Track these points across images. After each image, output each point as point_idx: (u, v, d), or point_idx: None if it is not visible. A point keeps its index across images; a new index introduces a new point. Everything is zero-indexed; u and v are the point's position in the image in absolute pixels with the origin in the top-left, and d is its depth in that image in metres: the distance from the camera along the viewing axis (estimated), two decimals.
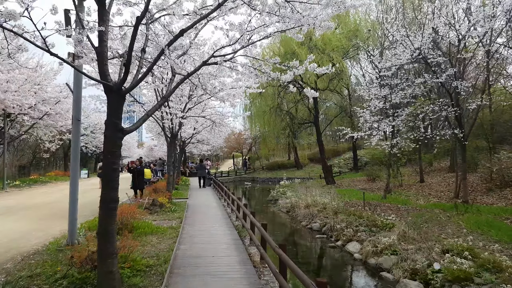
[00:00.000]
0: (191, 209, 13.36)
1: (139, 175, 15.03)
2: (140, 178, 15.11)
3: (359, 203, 15.90)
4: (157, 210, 12.03)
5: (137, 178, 15.04)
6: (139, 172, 15.10)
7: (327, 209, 14.07)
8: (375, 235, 10.26)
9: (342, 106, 28.45)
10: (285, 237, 12.89)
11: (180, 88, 14.54)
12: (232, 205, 13.05)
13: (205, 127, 19.34)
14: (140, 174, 15.11)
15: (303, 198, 17.48)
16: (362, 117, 16.50)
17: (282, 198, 20.56)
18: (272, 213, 17.69)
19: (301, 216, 14.93)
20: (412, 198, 17.15)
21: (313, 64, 6.45)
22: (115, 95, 4.96)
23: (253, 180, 42.92)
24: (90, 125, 40.41)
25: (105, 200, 4.96)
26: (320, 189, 22.44)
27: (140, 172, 15.15)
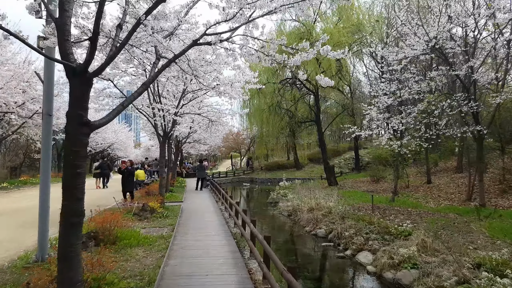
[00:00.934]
0: (185, 214, 12.27)
1: (128, 177, 13.97)
2: (130, 180, 14.05)
3: (366, 207, 14.85)
4: (147, 216, 10.94)
5: (126, 180, 13.98)
6: (129, 174, 14.03)
7: (333, 214, 13.02)
8: (389, 244, 9.20)
9: (345, 104, 27.36)
10: (288, 245, 11.83)
11: (173, 84, 13.46)
12: (230, 210, 11.98)
13: (201, 126, 18.26)
14: (130, 176, 14.05)
15: (306, 201, 16.41)
16: (368, 114, 15.44)
17: (282, 200, 19.49)
18: (273, 217, 16.61)
19: (304, 220, 13.86)
20: (421, 201, 16.12)
21: (327, 47, 5.39)
22: (78, 80, 3.88)
23: (252, 181, 41.85)
24: None
25: (65, 213, 3.89)
26: (322, 190, 21.37)
27: (130, 173, 14.08)
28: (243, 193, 31.10)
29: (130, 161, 14.88)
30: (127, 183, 13.87)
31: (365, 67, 29.39)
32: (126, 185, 13.91)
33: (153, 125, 12.17)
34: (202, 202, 15.89)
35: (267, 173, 44.33)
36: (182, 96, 12.10)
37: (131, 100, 4.89)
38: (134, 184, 14.47)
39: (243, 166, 55.19)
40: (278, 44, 5.22)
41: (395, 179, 16.34)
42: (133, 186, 14.33)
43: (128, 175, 13.85)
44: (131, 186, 14.14)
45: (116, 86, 11.22)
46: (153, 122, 11.85)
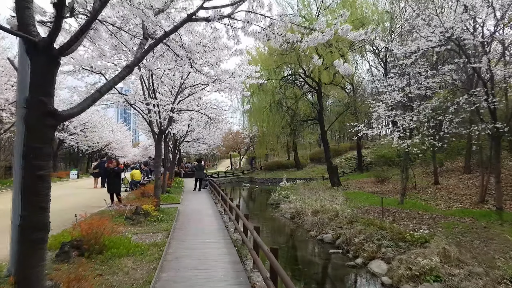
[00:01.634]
0: (182, 217, 11.45)
1: (115, 178, 13.21)
2: (116, 182, 13.29)
3: (374, 209, 14.05)
4: (140, 220, 10.11)
5: (112, 181, 13.22)
6: (115, 174, 13.26)
7: (340, 217, 12.20)
8: (405, 253, 8.40)
9: (349, 102, 26.53)
10: (292, 251, 11.01)
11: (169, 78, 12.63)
12: (230, 213, 11.17)
13: (200, 124, 17.43)
14: (116, 177, 13.29)
15: (310, 203, 15.60)
16: (376, 112, 14.62)
17: (284, 202, 18.66)
18: (274, 220, 15.79)
19: (308, 224, 13.04)
20: (431, 203, 15.32)
21: (346, 26, 4.59)
22: (41, 57, 3.05)
23: (251, 181, 41.01)
24: (80, 123, 38.28)
25: (25, 227, 3.05)
26: (326, 192, 20.55)
27: (117, 174, 13.32)
28: (243, 194, 30.30)
29: (116, 161, 14.12)
30: (113, 184, 13.11)
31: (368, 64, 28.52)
32: (112, 186, 13.15)
33: (148, 122, 11.34)
34: (200, 204, 15.07)
35: (267, 173, 43.52)
36: (179, 91, 11.27)
37: (110, 86, 4.06)
38: (120, 186, 13.68)
39: (243, 165, 54.40)
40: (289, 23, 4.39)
41: (404, 180, 15.52)
42: (119, 188, 13.56)
43: (114, 176, 13.10)
44: (117, 188, 13.37)
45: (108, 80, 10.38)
46: (148, 119, 11.01)
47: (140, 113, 10.89)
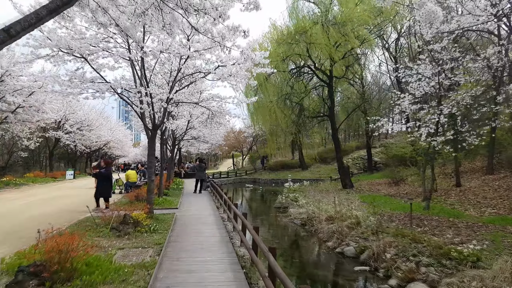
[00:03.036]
0: (179, 227, 9.82)
1: (103, 180, 11.72)
2: (105, 185, 11.82)
3: (398, 216, 12.42)
4: (128, 231, 8.48)
5: (101, 184, 11.76)
6: (103, 177, 11.76)
7: (361, 225, 10.56)
8: (453, 274, 6.76)
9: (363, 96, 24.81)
10: (309, 268, 9.36)
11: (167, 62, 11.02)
12: (235, 221, 9.55)
13: (201, 119, 15.83)
14: (104, 179, 11.79)
15: (323, 207, 13.99)
16: (399, 105, 12.99)
17: (293, 205, 17.02)
18: (283, 227, 14.13)
19: (324, 233, 11.39)
20: (459, 208, 13.65)
21: None
22: None
23: (255, 182, 39.40)
24: (77, 121, 36.76)
25: None
26: (337, 194, 18.91)
27: (105, 177, 11.80)
28: (247, 195, 28.67)
29: (104, 160, 12.55)
30: (101, 188, 11.71)
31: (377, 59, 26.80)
32: (100, 191, 11.74)
33: (139, 115, 9.71)
34: (200, 208, 13.44)
35: (270, 173, 41.93)
36: (176, 78, 9.68)
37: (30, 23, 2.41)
38: (109, 190, 12.15)
39: (246, 165, 52.80)
40: None
41: (428, 182, 13.88)
42: (107, 192, 12.05)
43: (102, 179, 11.65)
44: (105, 192, 11.89)
45: (92, 65, 8.77)
46: (139, 112, 9.39)
47: (129, 104, 9.25)
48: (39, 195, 18.36)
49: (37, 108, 23.77)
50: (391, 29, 28.26)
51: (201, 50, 9.34)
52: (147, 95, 9.05)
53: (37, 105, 23.02)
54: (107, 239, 8.08)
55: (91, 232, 8.59)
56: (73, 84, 8.26)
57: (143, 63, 8.98)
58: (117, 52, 8.62)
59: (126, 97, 9.26)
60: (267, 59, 10.14)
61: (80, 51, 8.35)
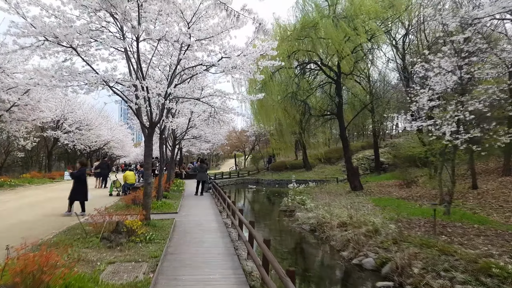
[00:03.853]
0: (178, 235, 8.86)
1: (79, 182, 10.91)
2: (80, 187, 10.95)
3: (417, 221, 11.43)
4: (121, 241, 7.52)
5: (76, 186, 10.91)
6: (78, 178, 10.93)
7: (380, 233, 9.58)
8: None
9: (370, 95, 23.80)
10: (325, 283, 8.37)
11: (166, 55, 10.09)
12: (240, 229, 8.60)
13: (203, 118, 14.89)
14: (79, 182, 10.95)
15: (333, 211, 13.01)
16: (417, 102, 12.01)
17: (300, 209, 16.03)
18: (291, 233, 13.14)
19: (337, 241, 10.40)
20: (480, 213, 12.66)
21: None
22: None
23: (257, 182, 38.42)
24: (76, 121, 35.86)
25: None
26: (347, 197, 17.95)
27: (79, 179, 10.98)
28: (250, 197, 27.70)
29: (80, 161, 11.67)
30: (75, 190, 10.89)
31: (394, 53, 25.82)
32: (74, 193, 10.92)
33: (135, 111, 8.75)
34: (202, 213, 12.47)
35: (273, 174, 40.94)
36: (175, 71, 8.75)
37: None
38: (84, 193, 11.17)
39: (248, 165, 51.84)
40: None
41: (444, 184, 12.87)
42: (84, 194, 11.13)
43: (78, 181, 10.88)
44: (80, 195, 11.01)
45: (81, 55, 7.83)
46: (134, 107, 8.43)
47: (123, 99, 8.29)
48: (33, 196, 17.42)
49: (32, 107, 22.89)
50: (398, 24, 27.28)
51: (202, 39, 8.41)
52: (143, 89, 8.10)
53: (32, 104, 22.11)
54: (96, 250, 7.12)
55: (79, 242, 7.64)
56: (57, 75, 7.30)
57: (139, 53, 8.02)
58: (108, 40, 7.67)
59: (120, 91, 8.29)
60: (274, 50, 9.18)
61: (67, 39, 7.41)
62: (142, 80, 7.96)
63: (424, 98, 11.68)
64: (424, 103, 11.69)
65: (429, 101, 11.58)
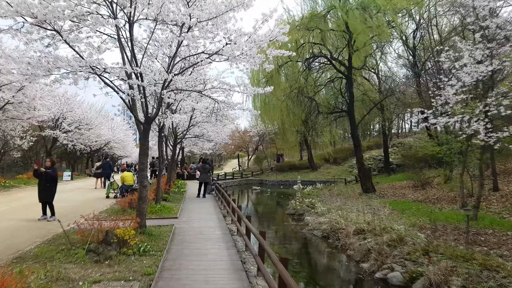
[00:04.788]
0: (177, 245, 7.79)
1: (47, 183, 9.80)
2: (49, 188, 9.86)
3: (443, 228, 10.31)
4: (110, 253, 6.46)
5: (44, 187, 9.79)
6: (50, 179, 9.81)
7: (406, 242, 8.48)
8: None
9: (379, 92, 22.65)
10: None
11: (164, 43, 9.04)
12: (247, 239, 7.54)
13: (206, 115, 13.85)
14: (51, 181, 9.87)
15: (347, 216, 11.93)
16: (441, 96, 10.92)
17: (310, 212, 14.95)
18: (302, 240, 12.01)
19: (355, 251, 9.30)
20: (509, 218, 11.55)
21: None
22: None
23: (261, 183, 37.32)
24: (75, 120, 34.93)
25: None
26: (358, 199, 16.85)
27: (51, 178, 9.88)
28: (254, 199, 26.59)
29: (50, 159, 10.62)
30: (45, 191, 9.78)
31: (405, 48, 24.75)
32: (43, 194, 9.82)
33: (128, 105, 7.68)
34: (204, 217, 11.40)
35: (278, 175, 39.85)
36: (176, 54, 7.71)
37: None
38: (53, 193, 10.13)
39: (252, 166, 50.76)
40: None
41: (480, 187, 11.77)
42: (52, 196, 10.05)
43: (46, 181, 9.76)
44: (49, 195, 9.92)
45: (66, 40, 6.78)
46: (127, 99, 7.38)
47: (113, 89, 7.21)
48: (26, 199, 16.39)
49: (28, 105, 21.89)
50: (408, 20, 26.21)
51: (204, 21, 7.35)
52: (136, 77, 7.05)
53: (27, 101, 21.11)
54: (80, 266, 6.07)
55: (62, 254, 6.59)
56: (34, 62, 6.26)
57: (132, 35, 6.96)
58: (98, 21, 6.62)
59: (110, 81, 7.23)
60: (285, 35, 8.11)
61: (47, 19, 6.37)
62: (135, 65, 6.89)
63: (450, 92, 10.58)
64: (450, 96, 10.59)
65: (455, 95, 10.48)
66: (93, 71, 6.67)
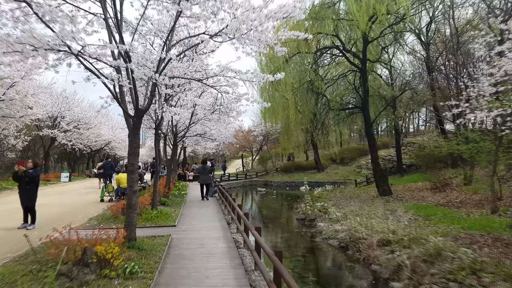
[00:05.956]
0: (173, 264, 6.46)
1: (28, 184, 8.68)
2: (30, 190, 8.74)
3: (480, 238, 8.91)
4: (87, 278, 5.14)
5: (25, 190, 8.70)
6: (30, 180, 8.66)
7: (446, 257, 7.11)
8: None
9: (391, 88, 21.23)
10: None
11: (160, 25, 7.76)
12: (257, 255, 6.21)
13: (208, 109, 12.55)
14: (31, 183, 8.71)
15: (367, 223, 10.57)
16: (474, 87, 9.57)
17: (322, 218, 13.59)
18: (317, 251, 10.61)
19: (382, 266, 7.94)
20: None
21: None
22: None
23: (266, 185, 35.99)
24: (73, 119, 33.76)
25: None
26: (375, 203, 15.49)
27: (31, 179, 8.72)
28: (260, 201, 25.23)
29: (33, 160, 9.37)
30: (25, 195, 8.68)
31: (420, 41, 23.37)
32: (23, 198, 8.72)
33: (114, 93, 6.35)
34: (206, 226, 10.06)
35: (283, 175, 38.47)
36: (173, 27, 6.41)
37: None
38: (35, 197, 8.97)
39: (256, 166, 49.43)
40: None
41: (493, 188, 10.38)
42: (33, 200, 8.91)
43: (27, 182, 8.64)
44: (31, 200, 8.80)
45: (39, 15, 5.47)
46: (109, 84, 6.07)
47: (93, 73, 5.88)
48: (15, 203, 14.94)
49: (20, 102, 20.66)
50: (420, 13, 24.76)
51: None
52: (122, 57, 5.74)
53: (18, 98, 19.86)
54: None
55: (28, 278, 5.29)
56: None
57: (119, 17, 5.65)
58: None
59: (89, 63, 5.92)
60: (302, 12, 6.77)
61: None
62: (120, 41, 5.58)
63: (484, 85, 9.23)
64: (485, 87, 9.23)
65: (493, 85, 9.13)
66: (68, 50, 5.35)
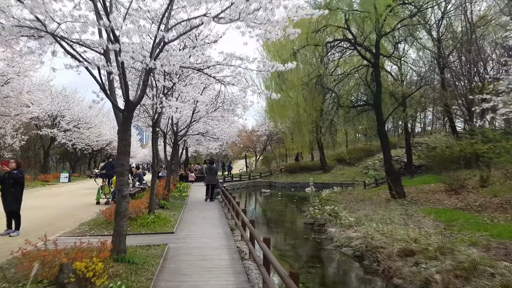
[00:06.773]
0: (168, 279, 5.54)
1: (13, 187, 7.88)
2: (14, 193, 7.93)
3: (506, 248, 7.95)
4: None
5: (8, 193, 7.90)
6: (14, 182, 7.86)
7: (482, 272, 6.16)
8: None
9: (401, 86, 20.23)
10: None
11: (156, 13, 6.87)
12: (265, 270, 5.30)
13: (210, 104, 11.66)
14: (15, 185, 7.92)
15: (384, 230, 9.63)
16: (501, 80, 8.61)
17: (333, 223, 12.64)
18: (329, 260, 9.70)
19: (408, 281, 6.98)
20: None
21: None
22: None
23: (271, 186, 35.07)
24: (73, 118, 33.01)
25: None
26: (388, 206, 14.53)
27: (16, 181, 7.92)
28: (264, 204, 24.29)
29: (15, 160, 8.49)
30: (8, 197, 7.86)
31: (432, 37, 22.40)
32: (7, 201, 7.89)
33: (100, 82, 5.46)
34: (207, 233, 9.12)
35: (288, 176, 37.53)
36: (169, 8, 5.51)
37: None
38: (20, 200, 8.12)
39: (259, 167, 48.52)
40: None
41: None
42: (17, 203, 8.06)
43: (11, 184, 7.85)
44: (15, 203, 7.96)
45: None
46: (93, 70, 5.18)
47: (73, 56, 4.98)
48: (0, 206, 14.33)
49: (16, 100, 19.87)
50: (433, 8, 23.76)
51: None
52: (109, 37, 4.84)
53: (13, 95, 19.06)
54: None
55: None
56: None
57: None
58: None
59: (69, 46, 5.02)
60: None
61: None
62: (107, 19, 4.67)
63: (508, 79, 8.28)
64: None
65: None
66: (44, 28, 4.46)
